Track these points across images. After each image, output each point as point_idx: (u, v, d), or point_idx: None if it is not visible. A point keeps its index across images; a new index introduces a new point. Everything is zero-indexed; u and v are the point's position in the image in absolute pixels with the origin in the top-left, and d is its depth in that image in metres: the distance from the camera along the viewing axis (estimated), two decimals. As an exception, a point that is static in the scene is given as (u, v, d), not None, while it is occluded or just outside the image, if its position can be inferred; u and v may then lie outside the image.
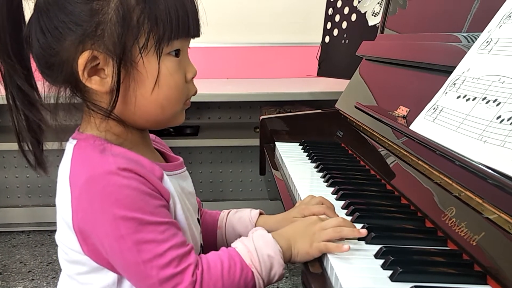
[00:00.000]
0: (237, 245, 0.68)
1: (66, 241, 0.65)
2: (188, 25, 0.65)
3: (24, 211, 2.43)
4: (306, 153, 1.20)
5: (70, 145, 0.67)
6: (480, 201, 0.64)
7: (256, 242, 0.67)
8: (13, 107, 0.65)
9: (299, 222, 0.73)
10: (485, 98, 0.71)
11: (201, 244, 0.79)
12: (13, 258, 2.16)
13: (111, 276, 0.65)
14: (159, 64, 0.64)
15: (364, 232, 0.68)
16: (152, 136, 0.79)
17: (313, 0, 2.38)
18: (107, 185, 0.60)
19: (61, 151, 0.69)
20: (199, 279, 0.61)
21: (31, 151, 0.68)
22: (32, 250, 2.23)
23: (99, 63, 0.63)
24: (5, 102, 0.66)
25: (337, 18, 1.99)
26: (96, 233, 0.61)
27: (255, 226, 0.83)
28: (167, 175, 0.69)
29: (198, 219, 0.78)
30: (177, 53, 0.66)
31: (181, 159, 0.78)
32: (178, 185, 0.71)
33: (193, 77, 0.70)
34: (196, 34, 0.68)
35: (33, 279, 1.98)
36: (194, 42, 0.70)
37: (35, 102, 0.65)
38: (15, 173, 2.44)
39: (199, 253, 0.77)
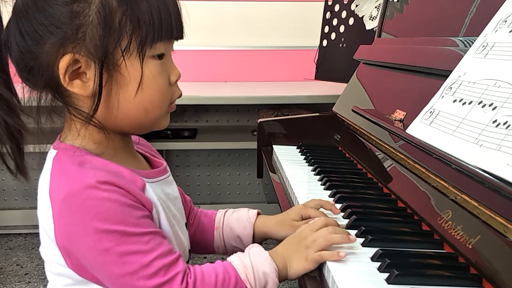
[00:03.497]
0: (233, 259, 0.67)
1: (50, 254, 0.64)
2: (171, 27, 0.64)
3: (21, 214, 2.43)
4: (303, 156, 1.21)
5: (50, 156, 0.66)
6: (476, 204, 0.64)
7: (253, 258, 0.67)
8: None
9: (291, 238, 0.72)
10: (481, 102, 0.71)
11: (189, 250, 0.78)
12: (10, 261, 2.15)
13: None
14: (142, 67, 0.63)
15: (353, 239, 0.68)
16: (135, 138, 0.77)
17: (311, 4, 2.39)
18: (86, 199, 0.59)
19: (44, 154, 0.68)
20: (191, 287, 0.61)
21: (11, 157, 0.66)
22: (29, 253, 2.22)
23: (80, 67, 0.61)
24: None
25: (335, 22, 2.00)
26: (79, 248, 0.60)
27: (254, 227, 0.83)
28: (150, 182, 0.68)
29: (186, 224, 0.77)
30: (160, 56, 0.65)
31: (165, 163, 0.77)
32: (162, 191, 0.70)
33: (177, 80, 0.69)
34: (180, 36, 0.67)
35: (29, 282, 1.98)
36: (192, 45, 0.70)
37: (15, 107, 0.63)
38: (12, 175, 2.43)
39: (188, 259, 0.77)
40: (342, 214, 0.82)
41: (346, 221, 0.79)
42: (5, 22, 0.63)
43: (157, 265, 0.60)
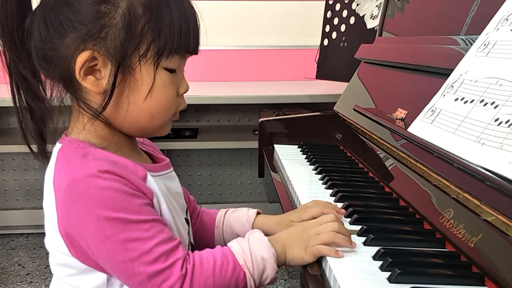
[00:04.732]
0: (232, 244, 0.69)
1: (54, 244, 0.66)
2: (189, 42, 0.67)
3: (22, 214, 2.43)
4: (305, 156, 1.21)
5: (55, 149, 0.68)
6: (478, 203, 0.64)
7: (252, 243, 0.68)
8: (17, 95, 0.67)
9: (296, 227, 0.73)
10: (482, 100, 0.71)
11: (190, 242, 0.79)
12: (12, 261, 2.15)
13: (101, 277, 0.65)
14: (155, 74, 0.65)
15: (354, 245, 0.68)
16: (140, 138, 0.79)
17: (312, 3, 2.39)
18: (89, 188, 0.60)
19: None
20: (189, 273, 0.62)
21: (35, 140, 0.69)
22: (31, 253, 2.22)
23: (97, 64, 0.63)
24: (4, 105, 0.67)
25: (336, 21, 2.00)
26: (81, 235, 0.62)
27: (253, 226, 0.84)
28: (152, 175, 0.69)
29: (186, 219, 0.78)
30: (171, 70, 0.68)
31: (168, 159, 0.79)
32: (164, 185, 0.72)
33: (184, 92, 0.72)
34: (195, 51, 0.70)
35: (31, 282, 1.98)
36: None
37: (39, 93, 0.67)
38: (13, 176, 2.44)
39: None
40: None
41: (348, 220, 0.79)
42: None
43: (157, 251, 0.61)
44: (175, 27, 0.65)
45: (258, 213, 0.86)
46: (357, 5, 1.87)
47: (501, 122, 0.65)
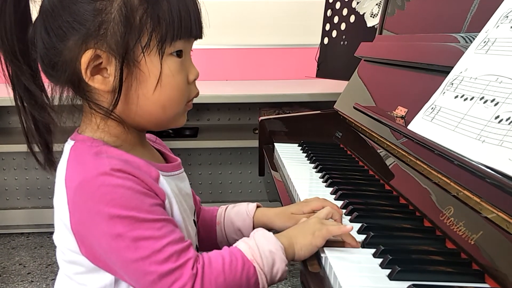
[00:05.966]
0: (238, 243, 0.69)
1: (64, 241, 0.66)
2: (190, 26, 0.67)
3: (23, 213, 2.43)
4: (305, 154, 1.21)
5: (67, 146, 0.68)
6: (478, 200, 0.64)
7: (257, 239, 0.68)
8: (21, 108, 0.67)
9: (298, 224, 0.74)
10: (482, 97, 0.71)
11: (196, 245, 0.79)
12: (13, 260, 2.16)
13: (108, 277, 0.65)
14: (161, 63, 0.65)
15: (358, 244, 0.69)
16: (152, 137, 0.79)
17: (312, 2, 2.38)
18: (101, 185, 0.60)
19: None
20: (200, 273, 0.62)
21: (41, 150, 0.69)
22: (32, 252, 2.23)
23: (101, 62, 0.63)
24: (4, 104, 0.67)
25: (336, 19, 1.99)
26: (93, 233, 0.62)
27: (253, 219, 0.84)
28: (165, 176, 0.69)
29: (194, 220, 0.78)
30: (179, 53, 0.67)
31: (179, 160, 0.78)
32: (175, 186, 0.72)
33: (195, 79, 0.71)
34: (198, 35, 0.69)
35: (32, 281, 1.98)
36: (194, 44, 0.71)
37: (43, 103, 0.66)
38: (14, 175, 2.44)
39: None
40: (344, 211, 0.82)
41: (348, 218, 0.79)
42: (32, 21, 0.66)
43: (169, 251, 0.61)
44: (173, 12, 0.64)
45: (258, 207, 0.86)
46: (357, 3, 1.87)
47: (501, 120, 0.65)
